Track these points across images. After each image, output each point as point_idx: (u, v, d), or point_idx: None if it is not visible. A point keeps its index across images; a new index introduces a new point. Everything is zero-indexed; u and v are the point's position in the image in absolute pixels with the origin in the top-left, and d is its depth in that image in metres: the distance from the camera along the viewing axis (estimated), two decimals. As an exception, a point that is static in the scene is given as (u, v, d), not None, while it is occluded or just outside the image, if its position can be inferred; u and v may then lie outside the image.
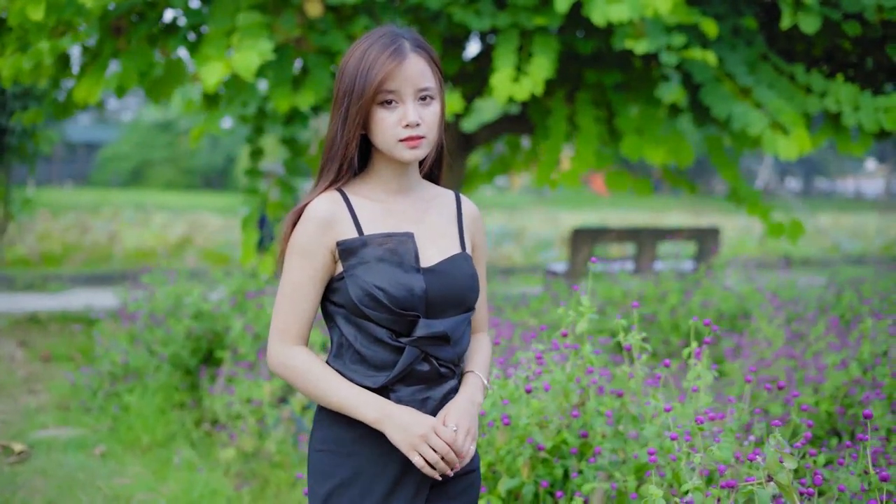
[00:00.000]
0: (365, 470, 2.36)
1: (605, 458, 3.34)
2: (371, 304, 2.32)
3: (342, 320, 2.40)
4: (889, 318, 5.86)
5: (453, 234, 2.51)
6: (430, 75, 2.38)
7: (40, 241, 17.60)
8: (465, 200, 2.61)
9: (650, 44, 6.97)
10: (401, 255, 2.36)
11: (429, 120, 2.37)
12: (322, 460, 2.40)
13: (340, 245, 2.36)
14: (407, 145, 2.35)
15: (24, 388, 7.43)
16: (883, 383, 4.83)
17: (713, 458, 2.73)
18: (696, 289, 7.33)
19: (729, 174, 8.73)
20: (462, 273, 2.44)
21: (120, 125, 46.93)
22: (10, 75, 7.11)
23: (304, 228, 2.37)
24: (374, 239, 2.36)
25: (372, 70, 2.31)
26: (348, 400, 2.31)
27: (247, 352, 6.02)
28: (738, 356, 5.93)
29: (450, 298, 2.40)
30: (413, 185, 2.50)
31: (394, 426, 2.28)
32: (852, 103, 7.73)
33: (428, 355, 2.37)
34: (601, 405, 3.47)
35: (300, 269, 2.37)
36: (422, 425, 2.28)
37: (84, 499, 5.08)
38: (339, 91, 2.39)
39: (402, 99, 2.34)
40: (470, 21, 7.36)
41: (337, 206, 2.38)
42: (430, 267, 2.39)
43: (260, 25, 6.71)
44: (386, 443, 2.34)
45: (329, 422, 2.40)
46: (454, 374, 2.44)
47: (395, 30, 2.39)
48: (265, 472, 5.34)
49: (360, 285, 2.32)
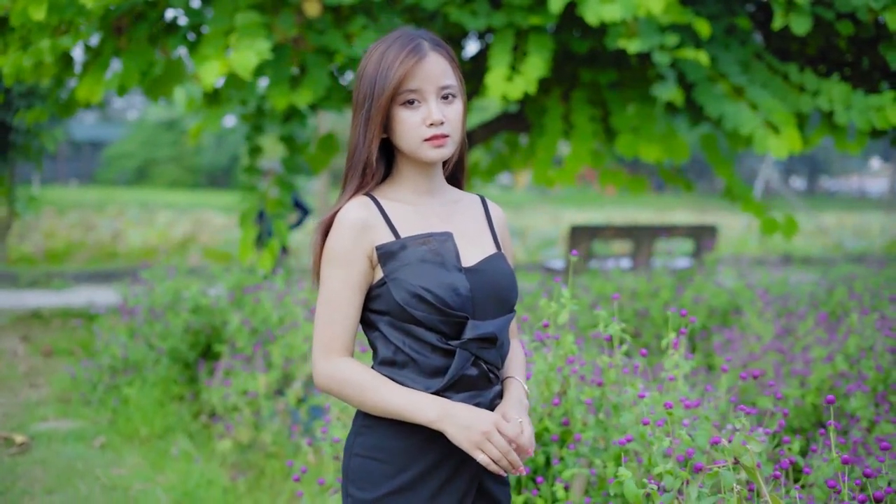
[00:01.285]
0: (415, 481, 2.31)
1: (584, 445, 3.43)
2: (419, 306, 2.26)
3: (387, 327, 2.33)
4: (875, 314, 5.96)
5: (486, 234, 2.47)
6: (450, 73, 2.34)
7: (45, 239, 17.72)
8: (490, 203, 2.58)
9: (643, 43, 7.05)
10: (442, 255, 2.31)
11: (452, 118, 2.33)
12: (367, 467, 2.33)
13: (379, 249, 2.30)
14: (432, 144, 2.31)
15: (26, 382, 7.55)
16: (867, 376, 4.93)
17: (686, 443, 2.82)
18: (689, 285, 7.42)
19: (724, 171, 8.81)
20: (503, 273, 2.40)
21: (125, 124, 47.07)
22: (12, 73, 7.21)
23: (337, 236, 2.31)
24: (413, 240, 2.31)
25: (391, 70, 2.27)
26: (406, 405, 2.24)
27: (244, 345, 6.12)
28: (726, 350, 6.02)
29: (493, 298, 2.35)
30: (439, 188, 2.46)
31: (455, 425, 2.22)
32: (844, 102, 7.80)
33: (477, 358, 2.32)
34: (582, 394, 3.56)
35: (338, 277, 2.31)
36: (485, 422, 2.22)
37: (82, 488, 5.19)
38: (358, 95, 2.35)
39: (425, 97, 2.30)
40: (466, 21, 7.45)
41: (369, 211, 2.33)
42: (471, 266, 2.35)
43: (258, 25, 6.80)
44: (436, 453, 2.30)
45: (376, 429, 2.33)
46: (498, 378, 2.40)
47: (411, 31, 2.36)
48: (261, 462, 5.45)
49: (406, 287, 2.27)
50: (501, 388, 2.42)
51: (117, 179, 41.53)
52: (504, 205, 33.45)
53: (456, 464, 2.33)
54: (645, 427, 3.23)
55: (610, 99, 8.43)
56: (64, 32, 7.34)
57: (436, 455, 2.31)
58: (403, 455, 2.30)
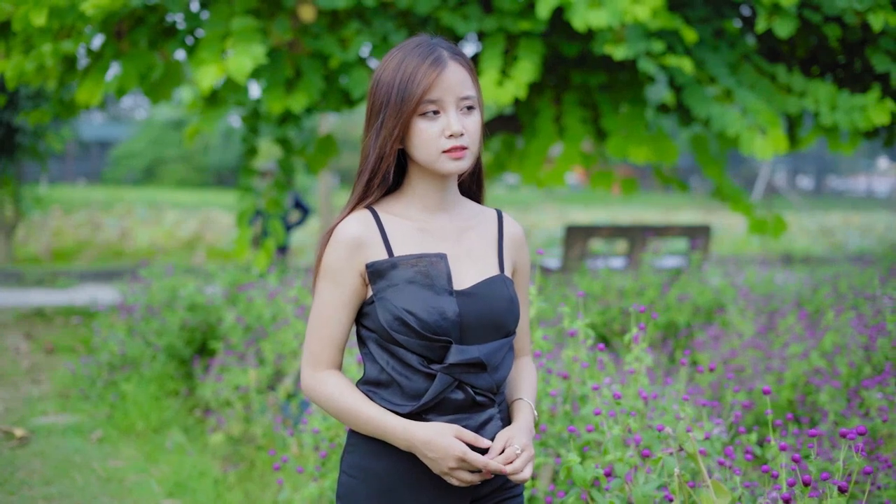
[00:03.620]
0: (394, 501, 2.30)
1: (549, 435, 3.60)
2: (400, 329, 2.23)
3: (374, 345, 2.31)
4: (852, 311, 6.12)
5: (492, 255, 2.40)
6: (470, 84, 2.29)
7: (52, 238, 17.91)
8: (507, 220, 2.49)
9: (628, 50, 7.19)
10: (432, 277, 2.26)
11: (472, 130, 2.28)
12: (351, 485, 2.33)
13: (370, 267, 2.27)
14: (451, 156, 2.26)
15: (28, 378, 7.75)
16: (840, 372, 5.08)
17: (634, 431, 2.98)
18: (674, 283, 7.57)
19: (713, 172, 8.96)
20: (499, 296, 2.32)
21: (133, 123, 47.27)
22: (14, 76, 7.39)
23: (331, 251, 2.30)
24: (404, 260, 2.27)
25: (413, 81, 2.22)
26: (376, 429, 2.24)
27: (238, 342, 6.29)
28: (705, 348, 6.17)
29: (486, 323, 2.29)
30: (452, 203, 2.40)
31: (424, 456, 2.21)
32: (829, 103, 7.93)
33: (462, 383, 2.26)
34: (548, 386, 3.72)
35: (329, 293, 2.30)
36: (450, 458, 2.19)
37: (79, 479, 5.37)
38: (373, 104, 2.29)
39: (445, 108, 2.25)
40: (457, 25, 7.61)
41: (366, 227, 2.30)
42: (464, 290, 2.29)
43: (253, 30, 6.98)
44: (418, 477, 2.28)
45: (359, 449, 2.33)
46: (493, 402, 2.32)
47: (428, 39, 2.31)
48: (251, 455, 5.62)
49: (390, 309, 2.24)
50: (502, 409, 2.38)
51: (125, 179, 41.72)
52: (510, 204, 33.62)
53: (441, 488, 2.29)
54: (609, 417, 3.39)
55: (600, 101, 8.58)
56: (66, 36, 7.52)
57: (418, 479, 2.28)
58: (384, 477, 2.29)
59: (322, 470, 3.88)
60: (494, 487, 2.37)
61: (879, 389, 4.46)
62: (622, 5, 6.91)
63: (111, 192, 33.13)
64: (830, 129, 8.36)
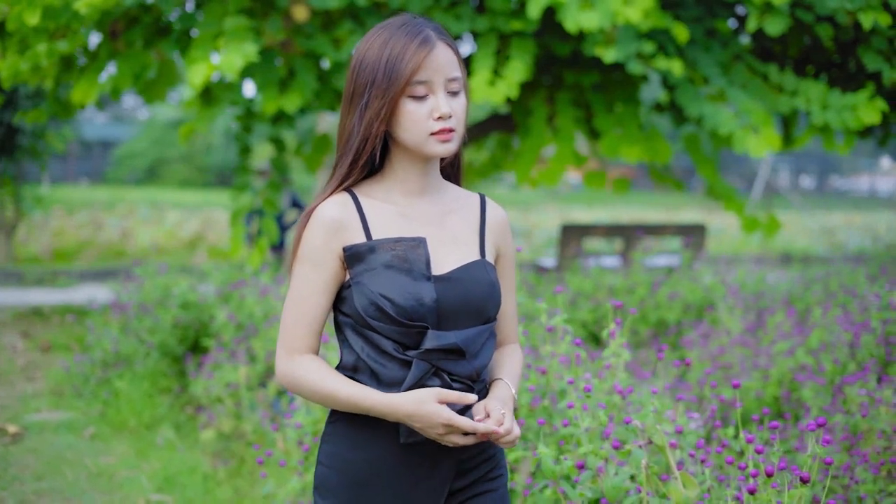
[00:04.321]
0: (371, 495, 2.27)
1: (527, 429, 3.64)
2: (376, 315, 2.19)
3: (350, 331, 2.27)
4: (839, 309, 6.16)
5: (473, 239, 2.36)
6: (456, 65, 2.25)
7: (54, 238, 17.96)
8: (490, 204, 2.44)
9: (618, 52, 7.22)
10: (410, 261, 2.21)
11: (459, 112, 2.24)
12: (326, 475, 2.30)
13: (347, 251, 2.22)
14: (439, 139, 2.22)
15: (23, 376, 7.80)
16: (825, 368, 5.13)
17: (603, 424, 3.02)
18: (665, 281, 7.61)
19: (706, 171, 9.00)
20: (478, 281, 2.27)
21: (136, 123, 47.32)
22: (9, 76, 7.44)
23: (310, 234, 2.25)
24: (382, 244, 2.22)
25: (401, 61, 2.17)
26: (358, 405, 2.19)
27: (230, 340, 6.34)
28: (694, 345, 6.21)
29: (465, 308, 2.24)
30: (434, 187, 2.37)
31: (413, 426, 2.18)
32: (821, 102, 7.96)
33: (440, 370, 2.22)
34: (527, 381, 3.76)
35: (306, 277, 2.25)
36: (436, 426, 2.15)
37: (70, 475, 5.42)
38: (356, 84, 2.24)
39: (433, 90, 2.21)
40: (450, 25, 7.65)
41: (346, 210, 2.26)
42: (443, 275, 2.24)
43: (246, 29, 7.02)
44: (394, 468, 2.25)
45: (336, 439, 2.30)
46: (472, 390, 2.27)
47: (412, 18, 2.26)
48: (241, 451, 5.67)
49: (366, 294, 2.19)
50: (478, 397, 2.31)
51: (128, 179, 41.77)
52: (512, 204, 33.65)
53: (418, 479, 2.27)
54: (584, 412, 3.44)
55: (593, 101, 8.61)
56: (61, 36, 7.57)
57: (395, 470, 2.26)
58: (360, 467, 2.26)
59: (305, 464, 3.93)
60: (474, 479, 2.34)
61: (861, 385, 4.50)
62: (613, 6, 6.94)
63: (113, 192, 33.17)
64: (823, 128, 8.40)
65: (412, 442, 2.24)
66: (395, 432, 2.25)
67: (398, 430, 2.24)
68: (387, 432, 2.25)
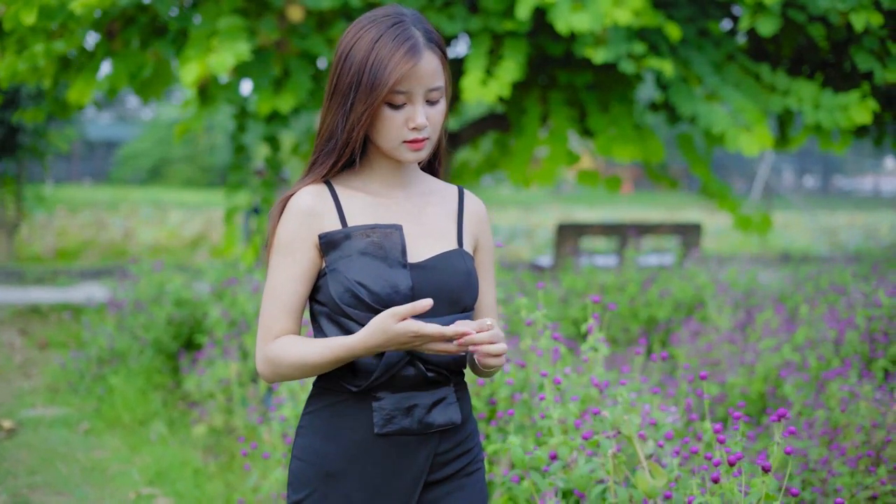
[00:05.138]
0: (343, 486, 2.25)
1: (505, 421, 3.70)
2: (351, 302, 2.19)
3: (325, 320, 2.25)
4: (825, 306, 6.22)
5: (450, 230, 2.36)
6: (440, 73, 2.23)
7: (57, 237, 18.04)
8: (468, 196, 2.45)
9: (609, 52, 7.26)
10: (386, 248, 2.21)
11: (435, 120, 2.24)
12: (299, 468, 2.29)
13: (322, 238, 2.22)
14: (410, 147, 2.23)
15: (20, 373, 7.88)
16: (809, 364, 5.18)
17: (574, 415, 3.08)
18: (656, 279, 7.67)
19: (700, 169, 9.04)
20: (455, 270, 2.27)
21: (139, 123, 47.38)
22: (7, 76, 7.52)
23: (285, 223, 2.25)
24: (357, 230, 2.22)
25: (385, 69, 2.15)
26: (330, 359, 2.16)
27: (221, 336, 6.41)
28: (683, 342, 6.27)
29: (441, 297, 2.22)
30: (412, 179, 2.37)
31: (389, 346, 2.12)
32: (813, 101, 8.00)
33: (414, 359, 2.22)
34: (506, 375, 3.82)
35: (283, 266, 2.25)
36: (408, 343, 2.11)
37: (63, 469, 5.50)
38: (340, 81, 2.22)
39: (412, 100, 2.20)
40: (444, 25, 7.71)
41: (321, 198, 2.26)
42: (419, 263, 2.24)
43: (239, 29, 7.08)
44: (365, 458, 2.24)
45: (308, 431, 2.29)
46: (448, 380, 2.28)
47: (403, 16, 2.22)
48: (233, 446, 5.73)
49: (341, 281, 2.19)
50: (461, 391, 2.34)
51: (131, 179, 41.84)
52: (515, 204, 33.69)
53: (391, 473, 2.26)
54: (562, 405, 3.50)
55: (587, 100, 8.66)
56: (59, 36, 7.65)
57: (368, 462, 2.25)
58: (333, 459, 2.25)
59: (289, 456, 3.99)
60: (451, 473, 2.33)
61: (840, 381, 4.56)
62: (603, 7, 6.99)
63: (117, 192, 33.26)
64: (818, 128, 8.44)
65: (386, 433, 2.23)
66: (369, 424, 2.24)
67: (372, 421, 2.24)
68: (361, 424, 2.24)
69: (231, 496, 4.97)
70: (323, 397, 2.30)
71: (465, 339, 2.10)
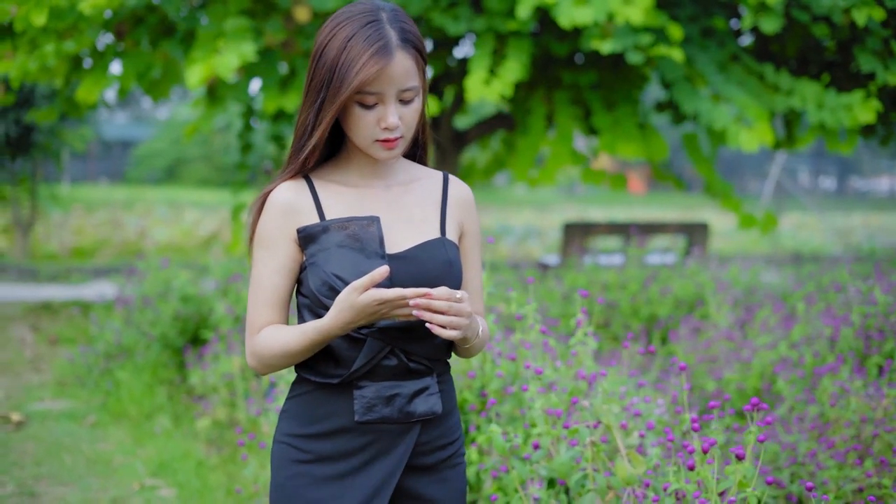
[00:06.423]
0: (323, 470, 2.28)
1: (493, 412, 3.77)
2: (329, 295, 2.19)
3: (308, 313, 2.27)
4: (822, 304, 6.26)
5: (433, 218, 2.34)
6: (414, 73, 2.21)
7: (73, 236, 18.18)
8: (454, 182, 2.43)
9: (615, 43, 7.31)
10: (363, 240, 2.21)
11: (408, 119, 2.23)
12: (280, 451, 2.32)
13: (301, 232, 2.23)
14: (383, 146, 2.22)
15: (30, 367, 8.01)
16: (804, 361, 5.23)
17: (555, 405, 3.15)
18: (657, 277, 7.73)
19: (703, 168, 9.10)
20: (435, 260, 2.26)
21: (155, 123, 47.54)
22: (18, 76, 7.64)
23: (264, 218, 2.27)
24: (334, 223, 2.23)
25: (353, 68, 2.13)
26: (306, 343, 2.19)
27: (225, 332, 6.50)
28: (682, 339, 6.33)
29: (421, 286, 2.18)
30: (392, 169, 2.37)
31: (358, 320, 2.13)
32: (816, 101, 8.04)
33: (397, 349, 2.24)
34: (497, 368, 3.89)
35: (263, 261, 2.27)
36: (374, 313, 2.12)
37: (68, 460, 5.60)
38: (314, 78, 2.21)
39: (384, 101, 2.18)
40: (448, 25, 7.78)
41: (299, 192, 2.27)
42: (397, 253, 2.23)
43: (246, 30, 7.18)
44: (345, 443, 2.27)
45: (290, 415, 2.32)
46: (430, 370, 2.29)
47: (380, 14, 2.20)
48: (235, 439, 5.82)
49: (319, 274, 2.20)
50: (445, 381, 2.36)
51: (147, 178, 41.97)
52: (529, 204, 33.72)
53: (371, 459, 2.28)
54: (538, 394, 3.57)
55: (591, 99, 8.72)
56: (69, 37, 7.76)
57: (347, 447, 2.27)
58: (314, 444, 2.27)
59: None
60: (434, 462, 2.35)
61: (831, 377, 4.61)
62: (612, 5, 7.04)
63: (132, 192, 33.39)
64: (824, 127, 8.47)
65: (367, 421, 2.25)
66: (350, 411, 2.26)
67: (353, 408, 2.25)
68: (342, 411, 2.27)
69: (232, 487, 5.06)
70: (305, 384, 2.33)
71: (423, 301, 2.10)
